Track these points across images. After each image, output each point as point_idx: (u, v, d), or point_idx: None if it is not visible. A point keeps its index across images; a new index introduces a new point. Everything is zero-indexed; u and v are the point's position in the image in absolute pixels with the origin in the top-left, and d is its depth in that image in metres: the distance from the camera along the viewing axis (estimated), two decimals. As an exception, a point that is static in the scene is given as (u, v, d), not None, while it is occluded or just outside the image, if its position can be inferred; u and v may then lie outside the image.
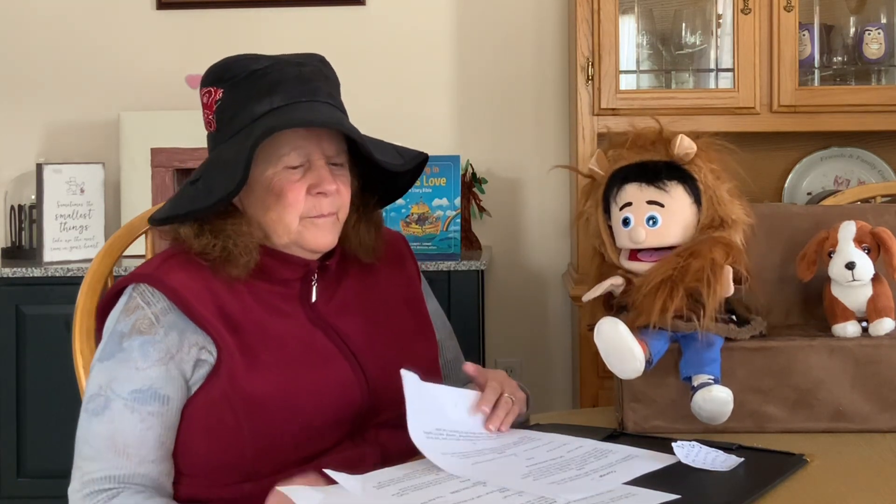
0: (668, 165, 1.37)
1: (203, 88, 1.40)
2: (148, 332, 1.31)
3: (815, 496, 1.13)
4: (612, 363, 1.29)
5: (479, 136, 3.15)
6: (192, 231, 1.34)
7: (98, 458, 1.30)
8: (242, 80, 1.35)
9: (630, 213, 1.36)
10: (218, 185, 1.31)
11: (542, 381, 3.13)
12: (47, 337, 2.74)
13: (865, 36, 2.74)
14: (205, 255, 1.34)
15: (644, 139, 1.40)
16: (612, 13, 2.64)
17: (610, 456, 1.24)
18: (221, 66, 1.38)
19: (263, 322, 1.35)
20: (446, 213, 2.77)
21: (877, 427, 1.34)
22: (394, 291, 1.50)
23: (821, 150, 2.98)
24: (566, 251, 3.16)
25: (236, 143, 1.33)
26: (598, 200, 1.42)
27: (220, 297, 1.33)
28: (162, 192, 2.96)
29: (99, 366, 1.33)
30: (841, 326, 1.38)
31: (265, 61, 1.35)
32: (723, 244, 1.33)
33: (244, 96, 1.34)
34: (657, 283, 1.30)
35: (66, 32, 3.23)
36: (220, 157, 1.35)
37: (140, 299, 1.33)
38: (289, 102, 1.34)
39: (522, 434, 1.33)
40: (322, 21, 3.18)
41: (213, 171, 1.34)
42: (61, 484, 3.04)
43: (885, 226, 1.40)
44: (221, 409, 1.30)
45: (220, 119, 1.37)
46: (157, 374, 1.30)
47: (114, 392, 1.30)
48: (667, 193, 1.36)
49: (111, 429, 1.29)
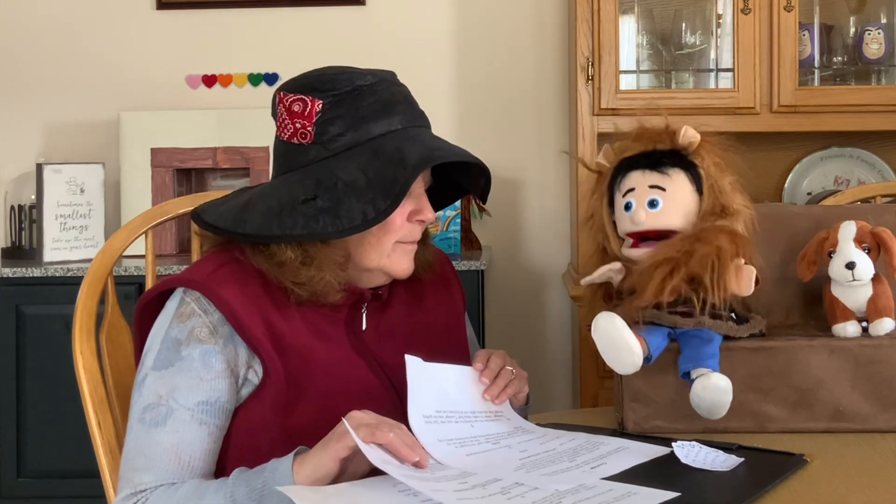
0: (672, 153, 1.39)
1: (292, 96, 1.33)
2: (208, 342, 1.26)
3: (815, 496, 1.13)
4: (609, 358, 1.29)
5: (479, 136, 3.15)
6: (296, 258, 1.28)
7: (153, 469, 1.24)
8: (347, 94, 1.30)
9: (632, 197, 1.38)
10: (353, 209, 1.26)
11: (542, 381, 3.14)
12: (47, 337, 2.75)
13: (865, 36, 2.75)
14: (302, 284, 1.28)
15: (650, 132, 1.42)
16: (612, 13, 2.64)
17: (602, 448, 1.25)
18: (317, 77, 1.32)
19: (310, 347, 1.30)
20: (446, 213, 2.77)
21: (877, 427, 1.34)
22: (437, 318, 1.47)
23: (821, 150, 2.98)
24: (566, 251, 3.16)
25: (359, 163, 1.28)
26: (604, 192, 1.43)
27: (270, 315, 1.28)
28: (162, 191, 2.96)
29: (154, 374, 1.27)
30: (841, 326, 1.38)
31: (369, 77, 1.32)
32: (728, 232, 1.33)
33: (354, 112, 1.30)
34: (658, 260, 1.30)
35: (66, 32, 3.23)
36: (342, 178, 1.28)
37: (195, 306, 1.28)
38: (406, 126, 1.32)
39: (518, 424, 1.34)
40: (322, 21, 3.19)
41: (342, 193, 1.27)
42: (61, 484, 3.05)
43: (885, 226, 1.40)
44: (258, 436, 1.27)
45: (322, 132, 1.30)
46: (223, 386, 1.26)
47: (177, 402, 1.25)
48: (668, 178, 1.37)
49: (176, 440, 1.24)
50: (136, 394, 1.28)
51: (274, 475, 1.17)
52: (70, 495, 2.74)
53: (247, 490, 1.18)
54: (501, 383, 1.37)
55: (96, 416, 1.45)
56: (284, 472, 1.17)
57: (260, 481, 1.18)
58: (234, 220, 1.31)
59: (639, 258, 1.36)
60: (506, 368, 1.39)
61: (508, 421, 1.35)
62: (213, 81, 3.22)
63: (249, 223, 1.29)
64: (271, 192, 1.32)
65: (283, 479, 1.16)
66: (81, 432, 1.50)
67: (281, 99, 1.34)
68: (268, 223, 1.28)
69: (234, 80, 3.21)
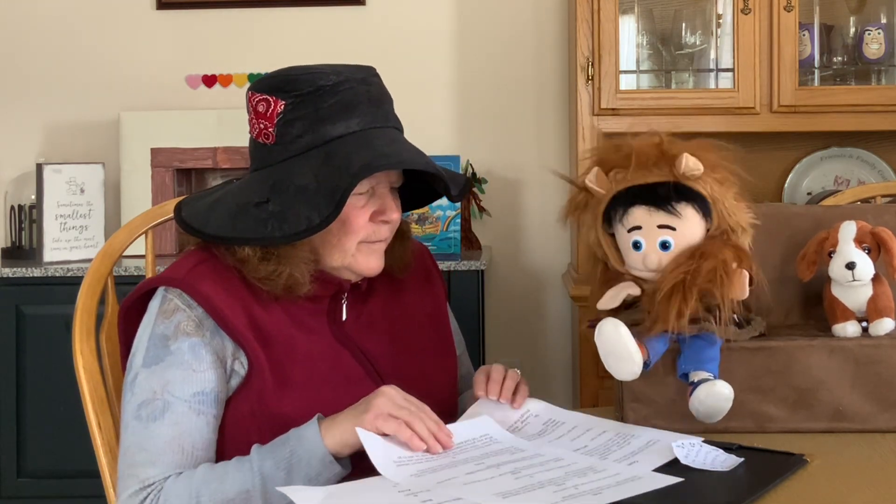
0: (676, 187, 1.33)
1: (258, 95, 1.33)
2: (195, 335, 1.28)
3: (815, 496, 1.13)
4: (609, 364, 1.28)
5: (479, 136, 3.15)
6: (255, 255, 1.29)
7: (158, 462, 1.25)
8: (309, 94, 1.30)
9: (641, 237, 1.33)
10: (299, 214, 1.26)
11: (542, 382, 3.13)
12: (47, 337, 2.75)
13: (865, 36, 2.75)
14: (265, 280, 1.29)
15: (646, 157, 1.35)
16: (612, 13, 2.64)
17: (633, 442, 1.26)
18: (282, 77, 1.32)
19: (293, 337, 1.32)
20: (446, 214, 2.77)
21: (877, 427, 1.34)
22: (419, 309, 1.49)
23: (821, 150, 2.98)
24: (566, 251, 3.16)
25: (312, 166, 1.29)
26: (598, 215, 1.38)
27: (251, 308, 1.30)
28: (162, 191, 2.96)
29: (146, 371, 1.28)
30: (841, 326, 1.38)
31: (332, 76, 1.31)
32: (731, 245, 1.32)
33: (313, 114, 1.30)
34: (670, 288, 1.28)
35: (66, 32, 3.23)
36: (295, 181, 1.29)
37: (179, 301, 1.29)
38: (365, 128, 1.31)
39: (541, 426, 1.35)
40: (322, 21, 3.19)
41: (292, 198, 1.28)
42: (61, 484, 3.05)
43: (885, 226, 1.40)
44: (248, 426, 1.28)
45: (282, 133, 1.31)
46: (214, 377, 1.28)
47: (173, 395, 1.26)
48: (678, 217, 1.32)
49: (176, 432, 1.25)
50: (128, 394, 1.29)
51: (301, 443, 1.20)
52: (70, 495, 2.74)
53: (273, 462, 1.20)
54: (511, 385, 1.37)
55: (96, 416, 1.45)
56: (312, 438, 1.19)
57: (287, 451, 1.20)
58: (201, 219, 1.33)
59: (649, 278, 1.33)
60: (511, 371, 1.39)
61: (536, 421, 1.35)
62: (213, 81, 3.22)
63: (211, 223, 1.32)
64: (237, 192, 1.34)
65: (312, 445, 1.19)
66: (81, 432, 1.50)
67: (250, 98, 1.35)
68: (225, 224, 1.30)
69: (234, 80, 3.21)
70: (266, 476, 1.19)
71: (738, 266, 1.30)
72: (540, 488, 1.10)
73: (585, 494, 1.08)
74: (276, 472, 1.19)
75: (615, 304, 1.35)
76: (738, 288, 1.30)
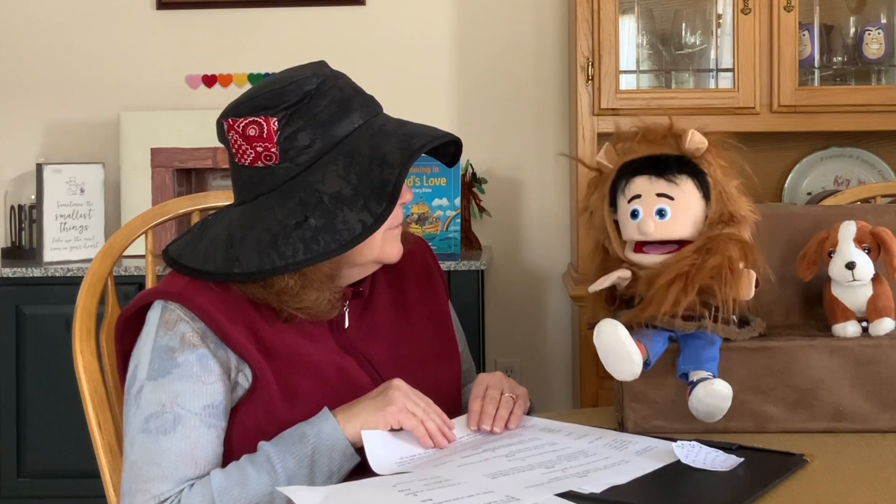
0: (679, 159, 1.36)
1: (243, 120, 1.27)
2: (201, 346, 1.25)
3: (815, 496, 1.13)
4: (608, 364, 1.29)
5: (479, 136, 3.15)
6: (295, 283, 1.25)
7: (171, 477, 1.22)
8: (298, 103, 1.26)
9: (639, 205, 1.35)
10: (348, 220, 1.23)
11: (542, 381, 3.14)
12: (47, 337, 2.75)
13: (865, 36, 2.74)
14: (305, 309, 1.27)
15: (654, 133, 1.39)
16: (612, 13, 2.64)
17: (630, 447, 1.26)
18: (262, 95, 1.27)
19: (296, 347, 1.30)
20: (446, 213, 2.77)
21: (877, 427, 1.34)
22: (421, 309, 1.47)
23: (821, 150, 2.98)
24: (566, 251, 3.16)
25: (336, 171, 1.25)
26: (605, 194, 1.41)
27: (252, 319, 1.27)
28: (162, 191, 2.96)
29: (151, 384, 1.25)
30: (841, 326, 1.38)
31: (313, 79, 1.27)
32: (738, 241, 1.33)
33: (313, 120, 1.26)
34: (672, 277, 1.29)
35: (66, 32, 3.23)
36: (326, 191, 1.25)
37: (180, 313, 1.26)
38: (367, 119, 1.29)
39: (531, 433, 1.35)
40: (322, 21, 3.18)
41: (332, 207, 1.24)
42: (61, 484, 3.05)
43: (885, 226, 1.40)
44: (254, 439, 1.25)
45: (287, 148, 1.26)
46: (222, 389, 1.26)
47: (183, 408, 1.23)
48: (677, 186, 1.35)
49: (188, 445, 1.22)
50: (133, 407, 1.26)
51: (321, 437, 1.20)
52: (70, 495, 2.74)
53: (295, 460, 1.20)
54: (505, 414, 1.34)
55: (96, 416, 1.45)
56: (333, 432, 1.20)
57: (308, 448, 1.20)
58: (224, 259, 1.26)
59: (646, 265, 1.35)
60: (505, 397, 1.36)
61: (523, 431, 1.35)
62: (213, 81, 3.22)
63: (244, 261, 1.25)
64: (253, 222, 1.27)
65: (332, 439, 1.19)
66: (81, 432, 1.50)
67: (231, 126, 1.28)
68: (266, 257, 1.24)
69: (234, 80, 3.21)
70: (291, 476, 1.18)
71: (745, 265, 1.31)
72: (529, 470, 1.14)
73: (571, 477, 1.11)
74: (300, 469, 1.19)
75: (605, 285, 1.37)
76: (743, 288, 1.30)
